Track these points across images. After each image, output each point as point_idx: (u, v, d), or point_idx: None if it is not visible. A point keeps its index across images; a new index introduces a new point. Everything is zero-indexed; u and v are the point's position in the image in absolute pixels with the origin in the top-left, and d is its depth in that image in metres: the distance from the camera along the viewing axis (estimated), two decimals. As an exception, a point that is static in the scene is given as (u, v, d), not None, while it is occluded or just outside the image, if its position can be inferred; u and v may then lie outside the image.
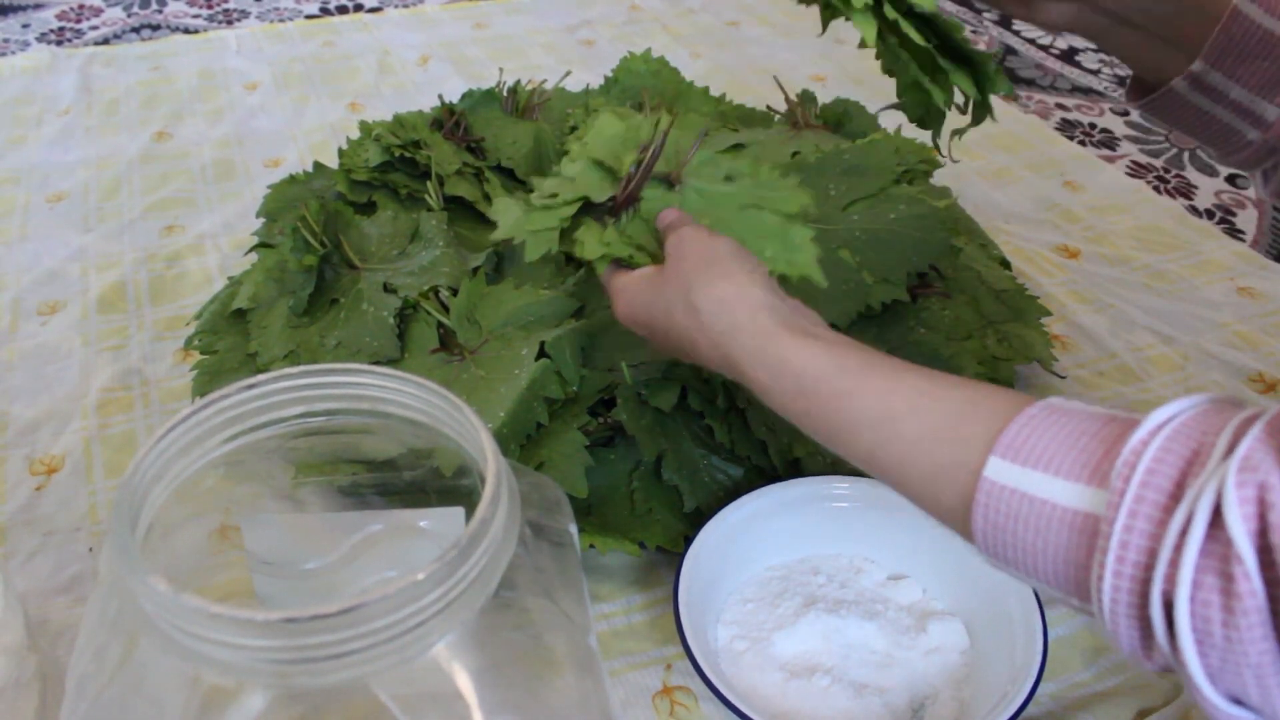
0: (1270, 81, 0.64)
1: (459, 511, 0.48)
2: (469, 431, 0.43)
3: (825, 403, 0.49)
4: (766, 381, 0.52)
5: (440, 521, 0.49)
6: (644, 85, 1.02)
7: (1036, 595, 0.62)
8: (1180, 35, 0.65)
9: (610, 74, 1.06)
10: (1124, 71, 1.46)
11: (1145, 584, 0.36)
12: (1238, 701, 0.36)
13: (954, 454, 0.44)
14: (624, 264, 0.63)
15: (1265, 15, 0.62)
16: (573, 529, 0.48)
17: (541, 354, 0.68)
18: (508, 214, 0.65)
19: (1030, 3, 0.68)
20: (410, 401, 0.45)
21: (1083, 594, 0.40)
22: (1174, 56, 0.66)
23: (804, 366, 0.50)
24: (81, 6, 1.67)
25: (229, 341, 0.80)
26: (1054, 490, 0.40)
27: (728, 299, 0.54)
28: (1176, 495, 0.36)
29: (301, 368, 0.45)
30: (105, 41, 1.56)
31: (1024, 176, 1.20)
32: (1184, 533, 0.35)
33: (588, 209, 0.65)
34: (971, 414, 0.44)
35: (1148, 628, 0.37)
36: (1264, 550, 0.34)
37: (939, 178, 0.98)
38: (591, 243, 0.63)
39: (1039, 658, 0.57)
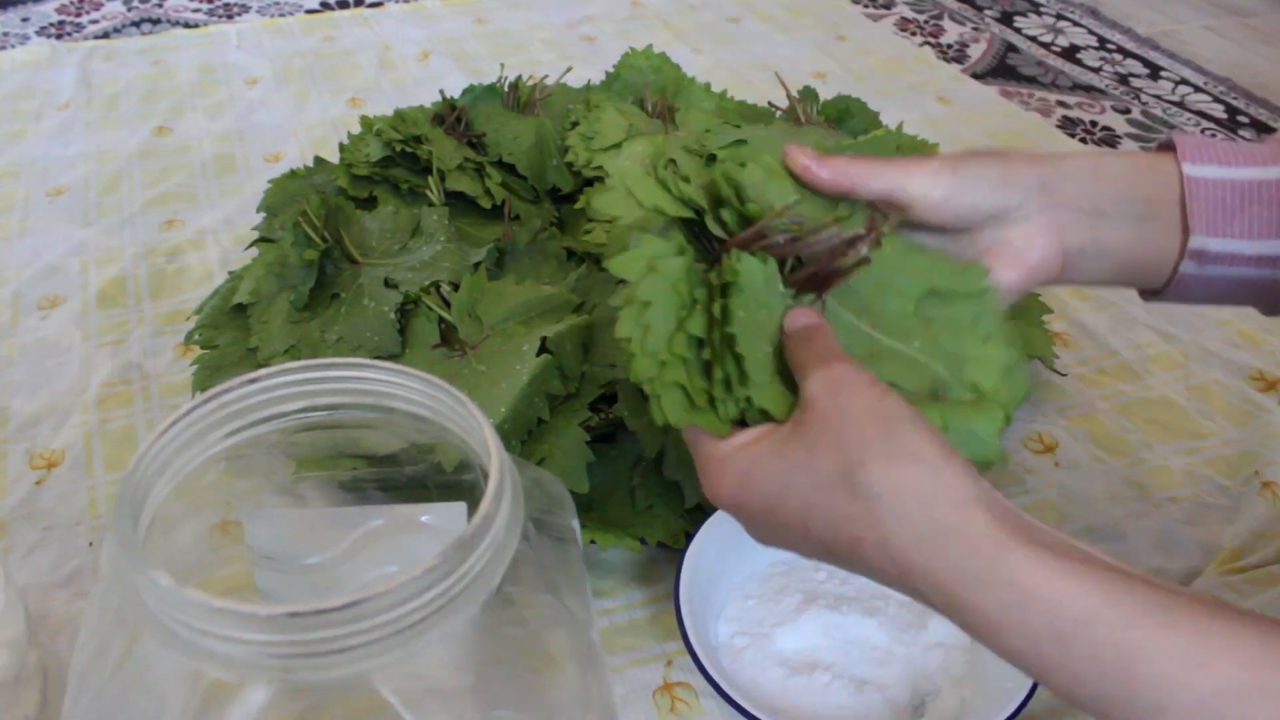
0: (1274, 222, 0.54)
1: (461, 507, 0.48)
2: (472, 426, 0.43)
3: (1098, 657, 0.36)
4: (994, 614, 0.38)
5: (442, 517, 0.49)
6: (645, 81, 1.02)
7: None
8: (1155, 215, 0.55)
9: (611, 70, 1.06)
10: (1125, 70, 1.46)
11: None
12: None
13: None
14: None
15: (1224, 168, 0.54)
16: (575, 524, 0.48)
17: (543, 349, 0.68)
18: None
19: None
20: (413, 396, 0.45)
21: None
22: (1161, 247, 0.55)
23: (1059, 600, 0.37)
24: (81, 0, 1.67)
25: (229, 336, 0.80)
26: None
27: (922, 488, 0.40)
28: None
29: (303, 362, 0.45)
30: (105, 35, 1.55)
31: (1025, 173, 1.20)
32: None
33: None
34: None
35: None
36: None
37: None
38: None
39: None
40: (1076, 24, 1.60)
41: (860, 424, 0.41)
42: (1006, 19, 1.62)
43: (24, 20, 1.60)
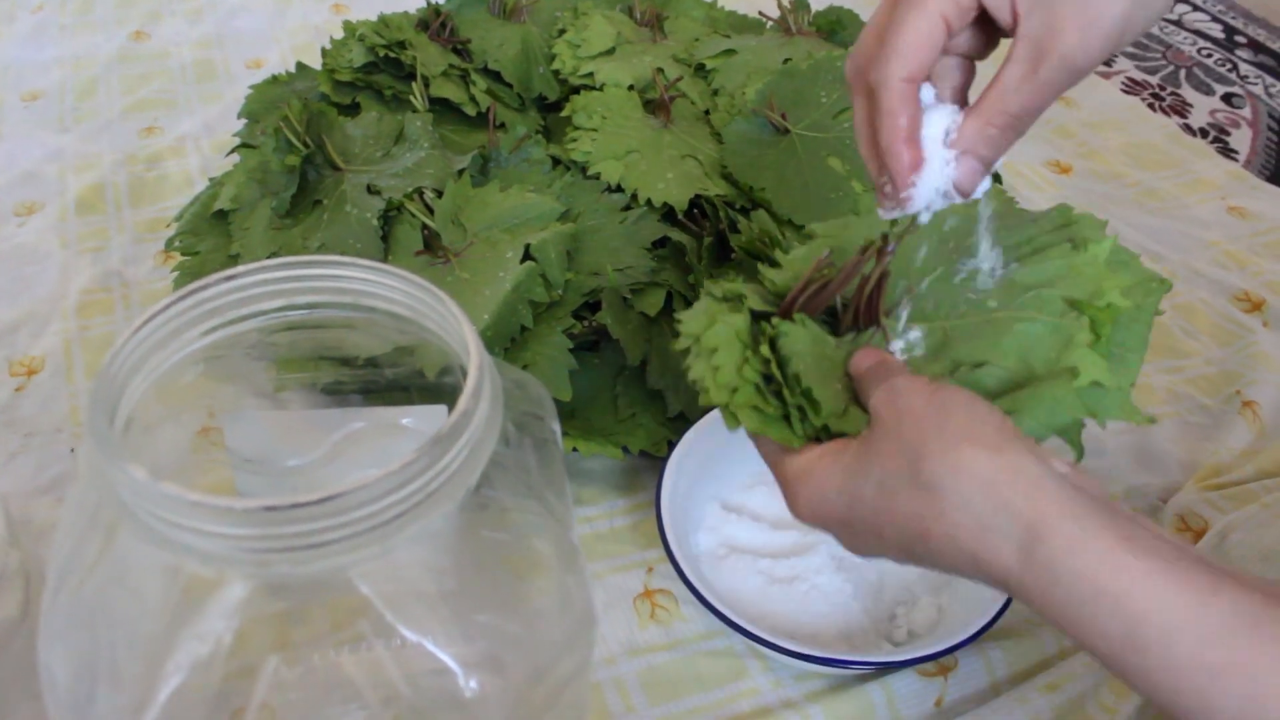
0: None
1: (441, 409, 0.47)
2: (451, 325, 0.42)
3: (1177, 671, 0.35)
4: (1068, 611, 0.37)
5: (423, 419, 0.49)
6: (634, -11, 1.00)
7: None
8: None
9: (600, -23, 1.04)
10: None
11: None
12: None
13: None
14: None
15: None
16: (556, 427, 0.48)
17: (527, 257, 0.67)
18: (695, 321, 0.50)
19: None
20: (392, 295, 0.44)
21: None
22: None
23: (1140, 608, 0.35)
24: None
25: (210, 243, 0.79)
26: None
27: (982, 472, 0.38)
28: None
29: (281, 260, 0.44)
30: (81, -63, 1.51)
31: (1018, 91, 1.18)
32: None
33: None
34: None
35: None
36: None
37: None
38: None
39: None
40: (1075, -61, 1.57)
41: (917, 420, 0.41)
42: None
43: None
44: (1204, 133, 1.14)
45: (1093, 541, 0.36)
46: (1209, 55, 1.28)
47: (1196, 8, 1.38)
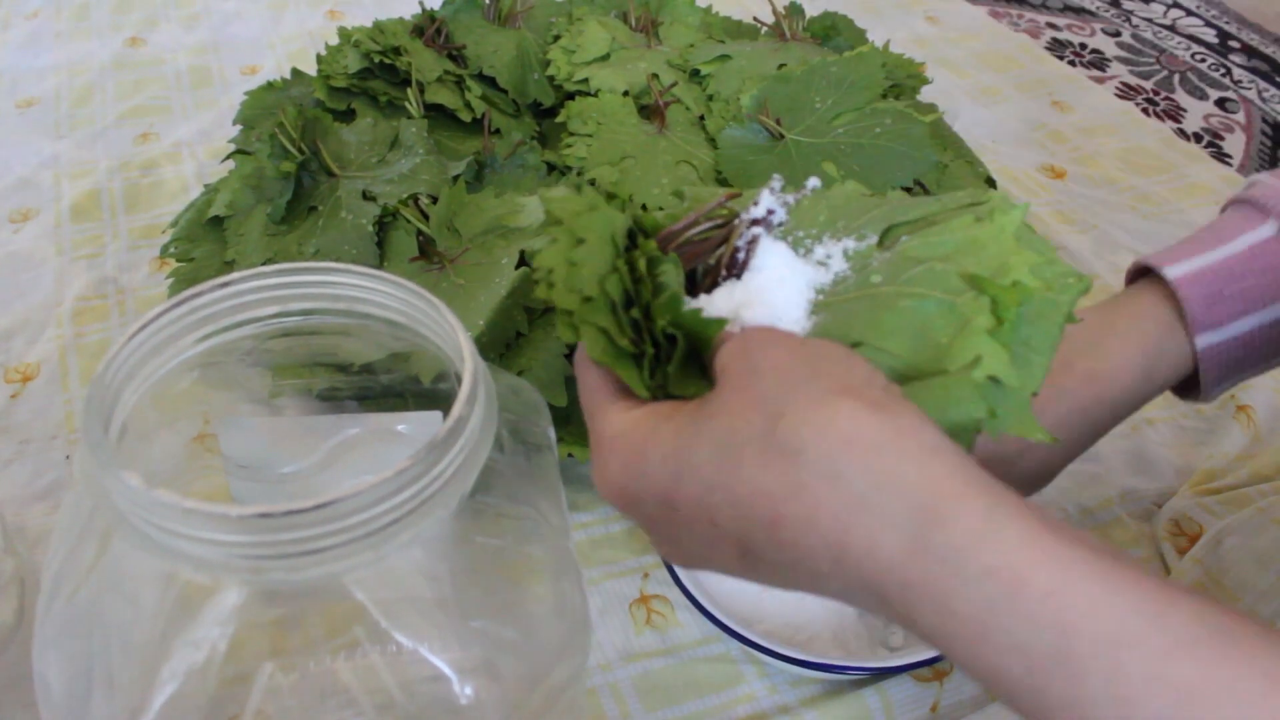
0: (1272, 286, 0.51)
1: (437, 415, 0.47)
2: (446, 331, 0.42)
3: (1155, 707, 0.26)
4: (970, 616, 0.28)
5: (418, 425, 0.49)
6: (629, -5, 1.00)
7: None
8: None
9: (595, -17, 1.04)
10: (1117, -9, 1.44)
11: None
12: None
13: None
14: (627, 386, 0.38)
15: (1175, 263, 0.53)
16: (551, 432, 0.48)
17: (522, 262, 0.67)
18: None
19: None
20: (387, 301, 0.44)
21: None
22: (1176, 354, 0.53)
23: (1095, 615, 0.27)
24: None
25: (205, 249, 0.79)
26: None
27: (863, 433, 0.30)
28: None
29: (276, 266, 0.44)
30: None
31: (1012, 96, 1.19)
32: None
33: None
34: None
35: None
36: None
37: (926, 94, 0.96)
38: (615, 337, 0.38)
39: None
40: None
41: (779, 370, 0.32)
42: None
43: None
44: (1198, 137, 1.14)
45: (1009, 525, 0.28)
46: (1203, 60, 1.29)
47: (1190, 12, 1.39)
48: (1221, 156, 1.11)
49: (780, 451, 0.30)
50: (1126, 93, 1.22)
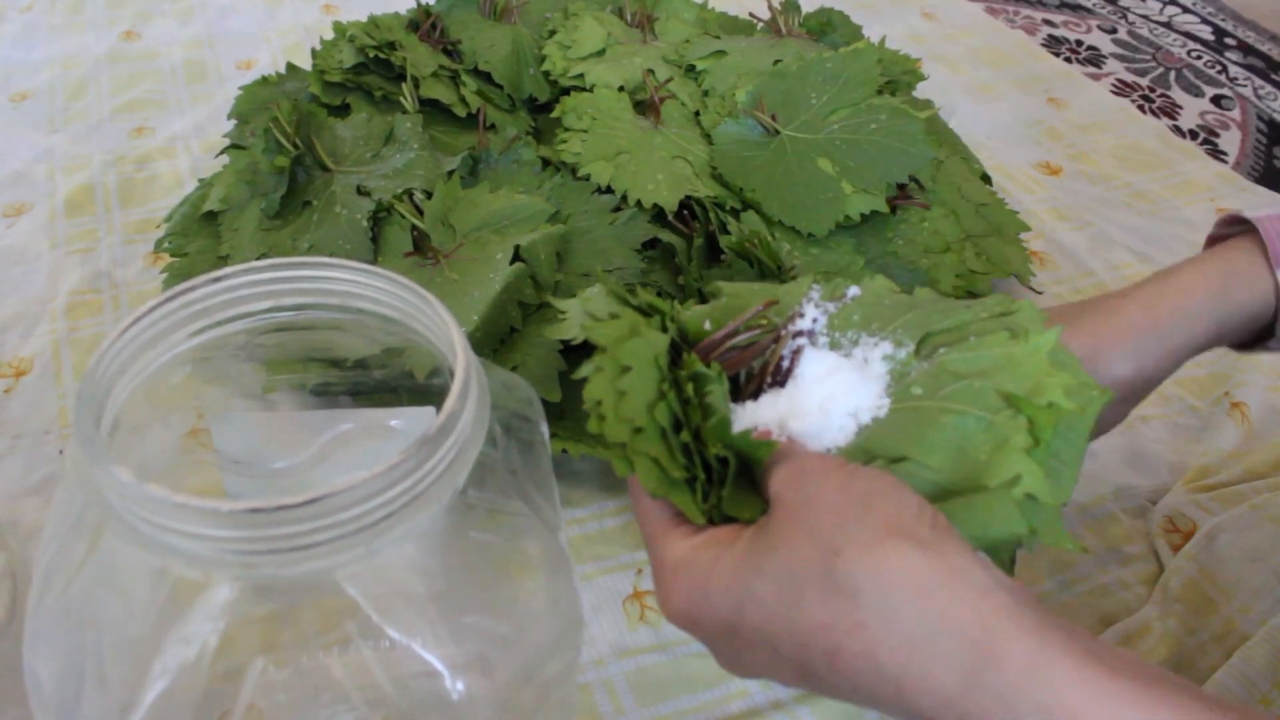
0: None
1: (430, 410, 0.47)
2: (438, 326, 0.42)
3: None
4: None
5: (411, 421, 0.49)
6: (625, -10, 1.00)
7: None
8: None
9: (591, -22, 1.04)
10: (1113, -12, 1.44)
11: None
12: None
13: None
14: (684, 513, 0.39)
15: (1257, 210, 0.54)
16: (544, 427, 0.48)
17: (516, 258, 0.67)
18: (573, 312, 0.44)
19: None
20: (379, 296, 0.44)
21: None
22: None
23: None
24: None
25: (200, 244, 0.79)
26: None
27: (916, 574, 0.32)
28: None
29: (268, 261, 0.44)
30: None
31: (1008, 93, 1.19)
32: None
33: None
34: None
35: None
36: None
37: (922, 91, 0.97)
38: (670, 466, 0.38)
39: (1008, 569, 0.58)
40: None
41: (831, 506, 0.34)
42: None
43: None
44: (1193, 134, 1.14)
45: (1058, 662, 0.30)
46: (1199, 57, 1.29)
47: (1186, 10, 1.39)
48: (1217, 154, 1.11)
49: (838, 589, 0.32)
50: (1122, 89, 1.22)
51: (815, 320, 0.44)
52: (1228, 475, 0.72)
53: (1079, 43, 1.31)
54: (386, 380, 0.54)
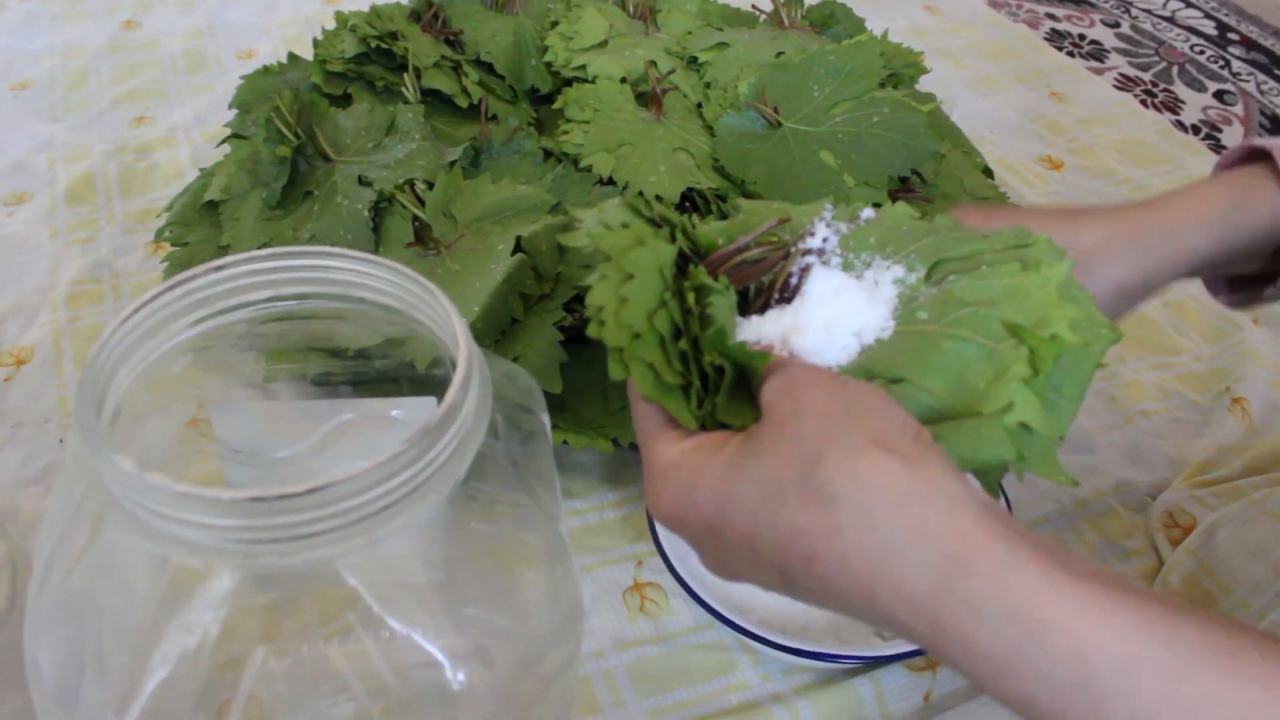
0: None
1: (431, 401, 0.47)
2: (440, 316, 0.42)
3: (1136, 711, 0.29)
4: (996, 652, 0.31)
5: (413, 411, 0.49)
6: (627, -18, 1.00)
7: (1005, 494, 0.62)
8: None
9: (593, -31, 1.03)
10: (1116, -18, 1.44)
11: None
12: None
13: None
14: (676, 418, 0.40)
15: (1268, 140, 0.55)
16: (545, 418, 0.48)
17: (518, 249, 0.67)
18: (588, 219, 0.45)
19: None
20: (381, 285, 0.44)
21: None
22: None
23: (1086, 641, 0.30)
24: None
25: (200, 234, 0.79)
26: None
27: (890, 483, 0.33)
28: None
29: (269, 250, 0.44)
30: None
31: (1010, 86, 1.19)
32: None
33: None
34: None
35: None
36: None
37: (924, 84, 0.96)
38: (666, 371, 0.40)
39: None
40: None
41: (818, 415, 0.35)
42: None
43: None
44: (1196, 129, 1.14)
45: (1025, 567, 0.31)
46: (1201, 52, 1.29)
47: (1189, 4, 1.39)
48: (1219, 149, 1.11)
49: (818, 495, 0.33)
50: (1125, 84, 1.22)
51: (826, 240, 0.45)
52: (1228, 470, 0.72)
53: (1081, 37, 1.31)
54: (388, 370, 0.54)
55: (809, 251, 0.44)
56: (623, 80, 0.85)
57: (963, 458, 0.37)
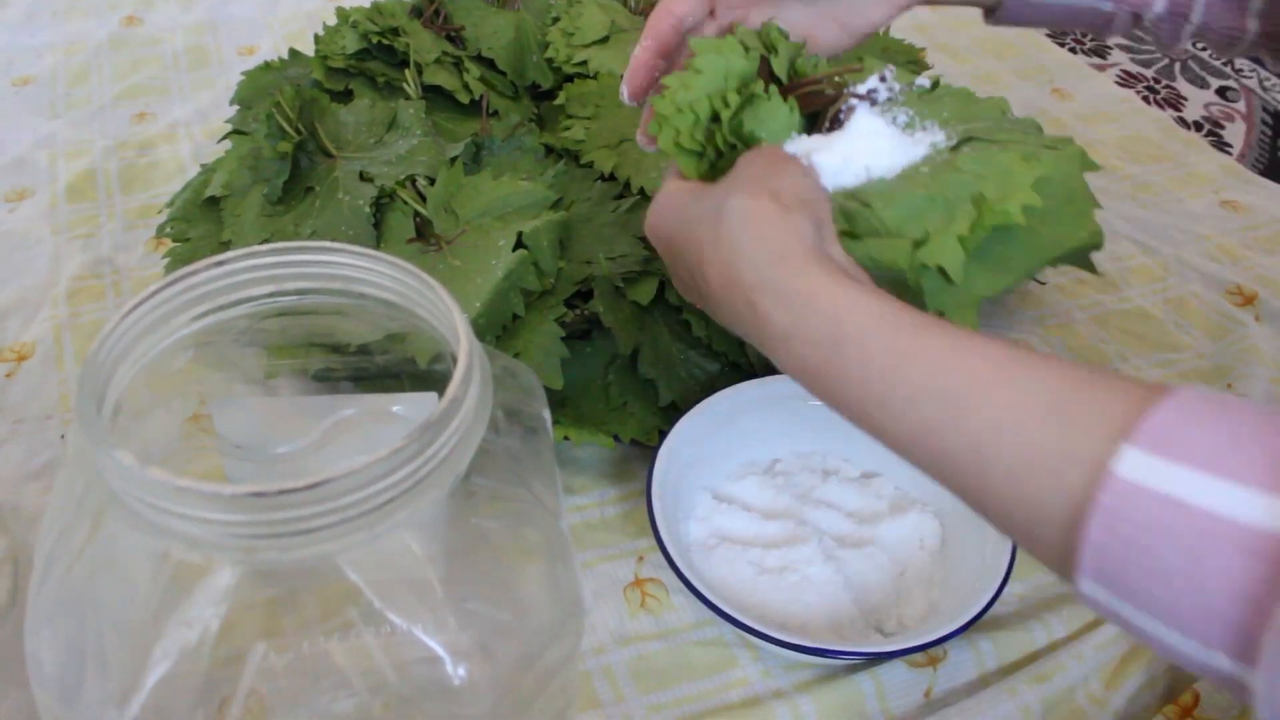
0: None
1: (432, 396, 0.47)
2: (441, 311, 0.42)
3: (869, 361, 0.39)
4: (784, 323, 0.41)
5: (413, 407, 0.49)
6: (630, -23, 1.00)
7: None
8: None
9: (594, -35, 1.03)
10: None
11: None
12: None
13: (1063, 441, 0.33)
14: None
15: None
16: (546, 414, 0.48)
17: (519, 245, 0.67)
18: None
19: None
20: (382, 281, 0.44)
21: (1243, 648, 0.29)
22: None
23: (842, 310, 0.40)
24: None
25: (202, 230, 0.79)
26: (1225, 499, 0.29)
27: (763, 214, 0.43)
28: None
29: (270, 246, 0.44)
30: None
31: (1012, 83, 1.18)
32: None
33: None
34: (1091, 392, 0.33)
35: None
36: None
37: (927, 80, 0.96)
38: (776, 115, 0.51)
39: (1008, 558, 0.58)
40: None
41: (751, 168, 0.47)
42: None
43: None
44: (1198, 126, 1.14)
45: (819, 267, 0.42)
46: (1204, 49, 1.28)
47: (1192, 1, 1.38)
48: (1222, 145, 1.11)
49: (719, 218, 0.45)
50: (1127, 80, 1.21)
51: (873, 90, 0.54)
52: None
53: (1084, 33, 1.31)
54: (389, 366, 0.54)
55: (856, 95, 0.53)
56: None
57: (869, 256, 0.46)
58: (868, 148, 0.51)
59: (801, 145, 0.52)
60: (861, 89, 0.53)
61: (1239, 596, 0.29)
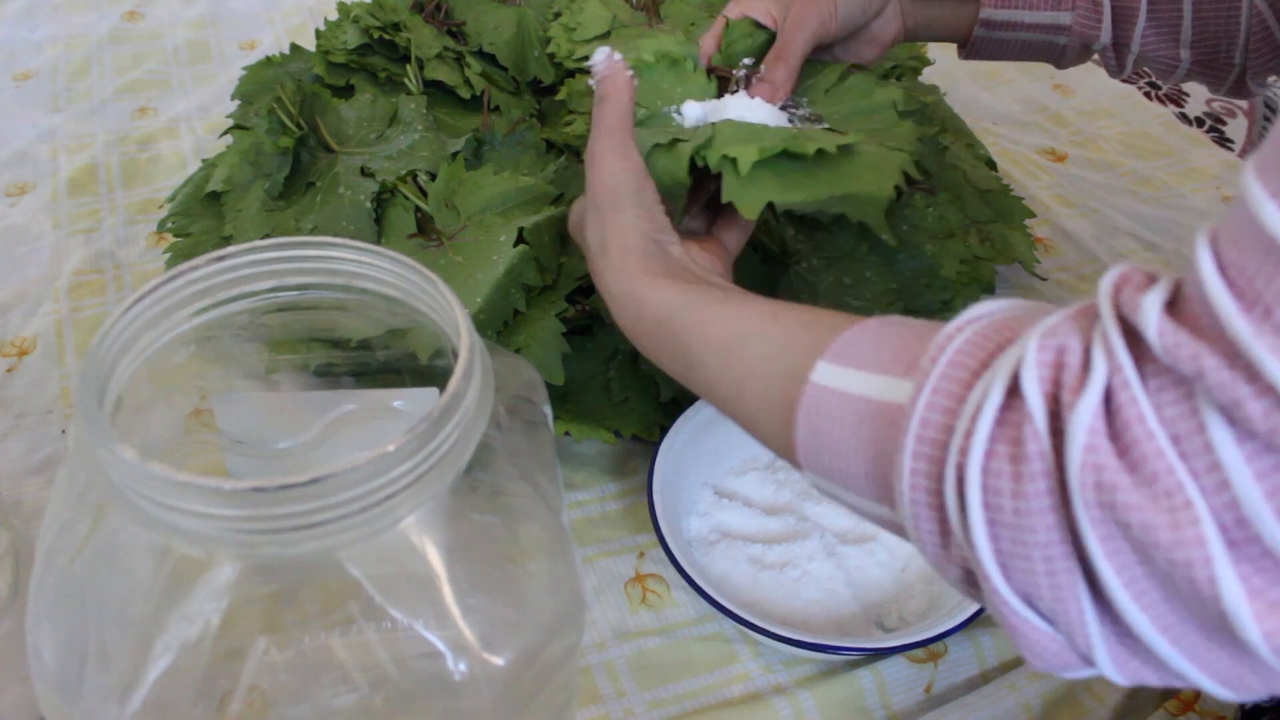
0: None
1: (433, 392, 0.47)
2: (443, 307, 0.42)
3: (677, 336, 0.48)
4: (628, 326, 0.52)
5: (414, 402, 0.49)
6: (630, -28, 1.00)
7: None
8: None
9: (596, -40, 1.03)
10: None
11: (941, 463, 0.34)
12: (1031, 605, 0.32)
13: (787, 366, 0.42)
14: None
15: None
16: (547, 409, 0.48)
17: (520, 240, 0.67)
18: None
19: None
20: (384, 276, 0.44)
21: (885, 493, 0.37)
22: (969, 18, 0.74)
23: (658, 304, 0.49)
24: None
25: (203, 224, 0.79)
26: (867, 385, 0.38)
27: (611, 235, 0.53)
28: (980, 373, 0.34)
29: (272, 240, 0.44)
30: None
31: (1014, 78, 1.18)
32: (981, 402, 0.32)
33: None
34: (812, 329, 0.42)
35: (944, 518, 0.34)
36: (1054, 411, 0.31)
37: (927, 76, 0.96)
38: None
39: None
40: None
41: (600, 188, 0.55)
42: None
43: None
44: (1200, 122, 1.14)
45: (644, 277, 0.51)
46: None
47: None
48: (1223, 141, 1.10)
49: (594, 239, 0.55)
50: (1129, 76, 1.21)
51: (742, 71, 0.67)
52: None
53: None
54: (390, 361, 0.54)
55: (739, 74, 0.67)
56: (625, 71, 0.85)
57: (700, 154, 0.56)
58: (747, 113, 0.63)
59: (715, 106, 0.64)
60: (737, 73, 0.68)
61: (874, 454, 0.37)
